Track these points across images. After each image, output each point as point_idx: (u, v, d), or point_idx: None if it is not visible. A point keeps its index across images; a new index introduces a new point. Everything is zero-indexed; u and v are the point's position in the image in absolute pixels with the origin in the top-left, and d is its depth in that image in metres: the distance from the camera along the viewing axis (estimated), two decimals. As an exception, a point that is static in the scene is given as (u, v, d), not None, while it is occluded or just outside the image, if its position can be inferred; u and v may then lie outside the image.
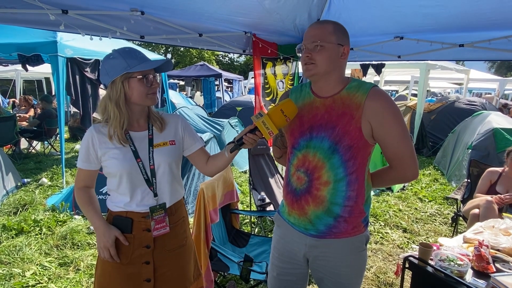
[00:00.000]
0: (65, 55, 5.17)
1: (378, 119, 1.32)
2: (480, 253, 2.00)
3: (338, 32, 1.38)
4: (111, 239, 1.46)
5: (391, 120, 1.33)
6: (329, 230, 1.43)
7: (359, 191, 1.40)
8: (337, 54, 1.38)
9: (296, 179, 1.46)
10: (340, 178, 1.37)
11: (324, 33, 1.36)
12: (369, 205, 1.48)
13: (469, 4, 2.37)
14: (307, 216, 1.44)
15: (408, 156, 1.37)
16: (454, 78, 13.61)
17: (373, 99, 1.33)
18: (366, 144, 1.36)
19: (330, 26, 1.38)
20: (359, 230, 1.44)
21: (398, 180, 1.49)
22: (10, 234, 3.54)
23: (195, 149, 1.66)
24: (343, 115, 1.35)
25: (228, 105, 10.18)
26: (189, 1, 2.48)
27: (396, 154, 1.38)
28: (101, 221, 1.50)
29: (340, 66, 1.41)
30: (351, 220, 1.42)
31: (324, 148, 1.37)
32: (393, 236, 3.88)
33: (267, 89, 3.69)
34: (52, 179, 5.51)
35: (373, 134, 1.35)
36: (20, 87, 13.42)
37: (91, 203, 1.54)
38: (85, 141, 1.48)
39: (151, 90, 1.46)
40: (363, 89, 1.36)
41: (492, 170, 3.53)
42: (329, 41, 1.35)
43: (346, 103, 1.36)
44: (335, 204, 1.39)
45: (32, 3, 2.01)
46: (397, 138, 1.35)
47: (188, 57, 28.39)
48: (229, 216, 2.99)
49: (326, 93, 1.42)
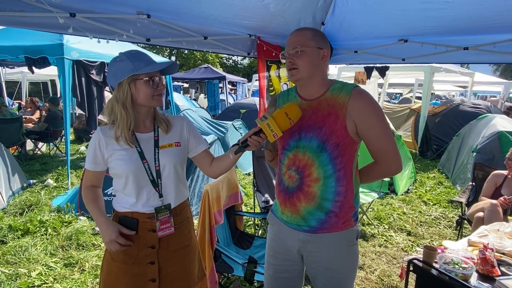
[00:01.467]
0: (71, 57, 5.22)
1: (361, 117, 1.41)
2: (485, 256, 2.00)
3: (317, 37, 1.46)
4: (115, 232, 1.48)
5: (373, 118, 1.42)
6: (321, 225, 1.48)
7: (348, 186, 1.48)
8: (317, 57, 1.46)
9: (288, 177, 1.52)
10: (329, 175, 1.45)
11: (304, 38, 1.44)
12: (358, 200, 1.56)
13: (473, 7, 2.38)
14: (299, 212, 1.50)
15: (391, 151, 1.46)
16: (458, 81, 13.56)
17: (356, 99, 1.41)
18: (352, 141, 1.44)
19: (308, 32, 1.46)
20: (349, 224, 1.51)
21: (383, 174, 1.58)
22: (16, 235, 3.57)
23: (199, 151, 1.67)
24: (329, 116, 1.44)
25: (232, 107, 10.20)
26: (194, 5, 2.50)
27: (379, 149, 1.46)
28: (103, 217, 1.52)
29: (322, 68, 1.49)
30: (341, 215, 1.48)
31: (313, 147, 1.45)
32: (397, 239, 3.87)
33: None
34: (57, 180, 5.56)
35: (357, 131, 1.43)
36: (26, 89, 13.55)
37: (96, 201, 1.56)
38: (92, 143, 1.51)
39: (157, 92, 1.48)
40: (346, 90, 1.44)
41: (497, 173, 3.52)
42: (309, 45, 1.44)
43: (331, 103, 1.45)
44: (326, 199, 1.46)
45: (41, 6, 2.05)
46: (380, 134, 1.43)
47: (192, 59, 28.50)
48: (233, 218, 3.00)
49: (311, 96, 1.51)
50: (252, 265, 2.12)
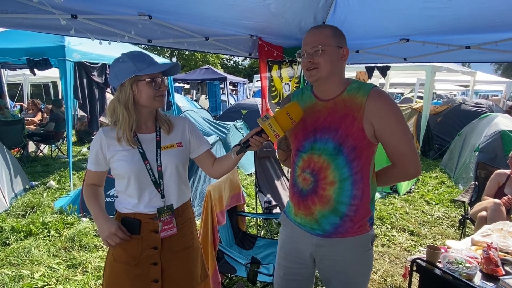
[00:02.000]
0: (73, 59, 5.24)
1: (379, 119, 1.35)
2: (488, 255, 1.99)
3: (337, 35, 1.41)
4: (114, 225, 1.47)
5: (392, 120, 1.36)
6: (335, 230, 1.44)
7: (364, 190, 1.43)
8: (337, 57, 1.41)
9: (302, 180, 1.48)
10: (345, 178, 1.40)
11: (324, 37, 1.39)
12: (374, 204, 1.50)
13: (475, 6, 2.37)
14: (314, 216, 1.46)
15: (409, 154, 1.40)
16: (460, 80, 13.52)
17: (374, 100, 1.36)
18: (369, 143, 1.39)
19: (328, 30, 1.41)
20: (365, 229, 1.47)
21: (402, 177, 1.53)
22: (19, 236, 3.58)
23: (201, 152, 1.67)
24: (345, 117, 1.38)
25: (233, 108, 10.20)
26: (196, 6, 2.51)
27: (398, 152, 1.41)
28: (102, 213, 1.51)
29: (341, 68, 1.45)
30: (356, 219, 1.44)
31: (329, 149, 1.40)
32: (400, 239, 3.86)
33: (273, 92, 3.70)
34: (59, 182, 5.57)
35: (375, 133, 1.38)
36: (28, 91, 13.58)
37: (96, 198, 1.57)
38: (94, 144, 1.51)
39: (159, 93, 1.48)
40: (364, 90, 1.39)
41: (500, 172, 3.51)
42: (329, 44, 1.39)
43: (348, 104, 1.39)
44: (341, 203, 1.42)
45: (42, 8, 2.05)
46: (398, 136, 1.38)
47: (193, 60, 28.54)
48: (236, 218, 2.99)
49: (327, 96, 1.46)
50: (255, 265, 2.11)
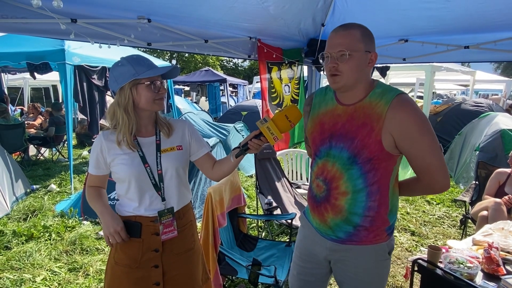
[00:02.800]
0: (73, 62, 5.24)
1: (400, 131, 1.24)
2: (490, 255, 1.99)
3: (366, 38, 1.28)
4: (121, 223, 1.48)
5: (416, 132, 1.23)
6: (349, 238, 1.41)
7: (381, 201, 1.36)
8: (365, 62, 1.29)
9: (316, 186, 1.46)
10: (360, 189, 1.34)
11: (352, 40, 1.26)
12: (394, 214, 1.42)
13: (474, 6, 2.38)
14: (327, 223, 1.43)
15: (436, 169, 1.27)
16: (460, 80, 13.51)
17: (395, 110, 1.24)
18: (389, 155, 1.30)
19: (357, 32, 1.27)
20: (381, 238, 1.40)
21: (425, 191, 1.45)
22: (20, 240, 3.58)
23: (201, 154, 1.68)
24: (363, 126, 1.29)
25: (233, 109, 10.22)
26: (195, 8, 2.52)
27: (423, 166, 1.29)
28: (108, 209, 1.52)
29: (367, 73, 1.33)
30: (372, 229, 1.38)
31: (343, 158, 1.33)
32: (401, 239, 3.85)
33: (273, 93, 3.71)
34: (60, 185, 5.57)
35: (396, 145, 1.27)
36: (28, 95, 13.60)
37: (100, 197, 1.57)
38: (95, 148, 1.52)
39: (159, 96, 1.49)
40: (387, 97, 1.27)
41: (500, 171, 3.50)
42: (357, 49, 1.26)
43: (368, 112, 1.29)
44: (354, 214, 1.37)
45: (42, 13, 2.06)
46: (423, 150, 1.26)
47: (192, 63, 28.59)
48: (237, 220, 2.99)
49: (349, 101, 1.36)
50: (256, 267, 2.11)
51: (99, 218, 1.51)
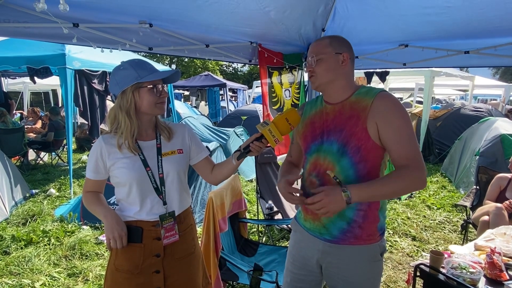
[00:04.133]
0: (73, 67, 5.26)
1: (383, 118, 1.33)
2: (492, 260, 1.98)
3: (334, 43, 1.45)
4: (125, 228, 1.47)
5: (396, 119, 1.33)
6: (344, 235, 1.43)
7: None
8: (336, 63, 1.43)
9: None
10: (351, 181, 1.39)
11: (320, 46, 1.45)
12: (384, 212, 1.47)
13: (473, 11, 2.39)
14: (321, 220, 1.46)
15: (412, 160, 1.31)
16: (459, 85, 13.57)
17: (380, 100, 1.36)
18: (375, 146, 1.36)
19: (326, 39, 1.46)
20: (374, 238, 1.44)
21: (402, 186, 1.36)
22: (19, 245, 3.56)
23: (201, 158, 1.69)
24: (350, 118, 1.40)
25: (233, 114, 10.22)
26: (196, 13, 2.53)
27: (399, 157, 1.33)
28: (112, 211, 1.50)
29: (344, 72, 1.45)
30: (365, 226, 1.42)
31: (333, 151, 1.41)
32: (402, 244, 3.84)
33: (274, 98, 3.71)
34: (59, 189, 5.55)
35: (379, 134, 1.35)
36: (28, 99, 13.61)
37: (100, 201, 1.55)
38: (94, 152, 1.51)
39: (160, 100, 1.50)
40: (371, 93, 1.40)
41: (501, 176, 3.50)
42: (325, 52, 1.43)
43: (354, 106, 1.41)
44: (348, 207, 1.37)
45: (45, 17, 2.06)
46: (402, 137, 1.33)
47: (192, 67, 28.66)
48: (238, 225, 2.98)
49: (335, 100, 1.48)
50: (258, 272, 2.10)
51: (102, 221, 1.50)
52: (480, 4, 2.28)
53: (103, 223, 1.49)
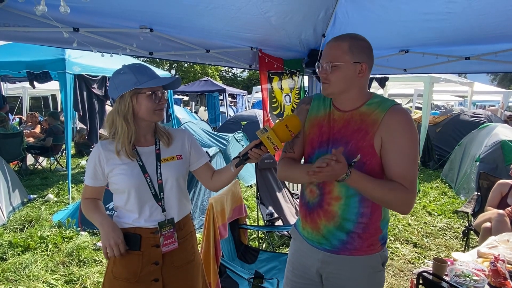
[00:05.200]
0: (73, 72, 5.25)
1: (389, 136, 1.27)
2: (496, 268, 1.95)
3: (354, 49, 1.31)
4: (122, 236, 1.44)
5: (403, 140, 1.26)
6: (343, 246, 1.39)
7: (374, 208, 1.36)
8: (353, 73, 1.32)
9: (309, 192, 1.46)
10: (352, 194, 1.35)
11: (339, 52, 1.31)
12: (386, 223, 1.43)
13: (474, 17, 2.39)
14: (320, 230, 1.42)
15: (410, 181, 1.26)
16: (457, 91, 13.62)
17: (392, 115, 1.29)
18: (380, 163, 1.32)
19: (345, 44, 1.32)
20: (375, 248, 1.40)
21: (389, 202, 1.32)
22: (17, 251, 3.52)
23: (201, 164, 1.66)
24: (358, 131, 1.33)
25: (232, 119, 10.21)
26: (197, 19, 2.52)
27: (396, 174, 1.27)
28: (108, 219, 1.47)
29: (359, 83, 1.36)
30: (366, 237, 1.38)
31: None
32: (403, 251, 3.81)
33: (274, 103, 3.71)
34: (58, 195, 5.51)
35: (381, 149, 1.29)
36: (27, 104, 13.60)
37: (98, 208, 1.53)
38: (92, 158, 1.48)
39: (159, 107, 1.47)
40: (383, 106, 1.32)
41: (502, 183, 3.49)
42: (344, 60, 1.31)
43: (364, 119, 1.34)
44: (347, 220, 1.37)
45: (45, 21, 2.05)
46: (404, 160, 1.26)
47: (192, 73, 28.70)
48: (238, 232, 2.95)
49: (345, 107, 1.40)
50: (258, 280, 2.07)
51: (99, 229, 1.47)
52: (480, 11, 2.28)
53: (100, 231, 1.47)
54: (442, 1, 2.20)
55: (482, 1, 2.13)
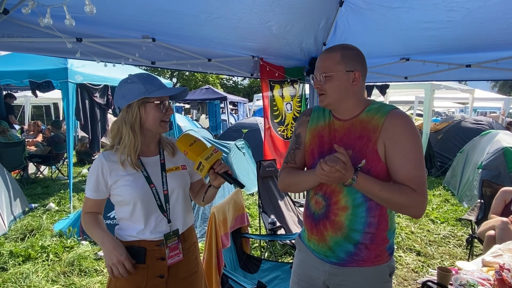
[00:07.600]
0: (75, 81, 5.28)
1: (392, 139, 1.27)
2: (501, 277, 1.93)
3: (346, 59, 1.33)
4: (124, 252, 1.38)
5: (406, 142, 1.26)
6: (350, 258, 1.37)
7: (381, 218, 1.35)
8: (347, 82, 1.34)
9: (315, 203, 1.44)
10: (359, 203, 1.33)
11: (331, 62, 1.34)
12: (393, 232, 1.41)
13: (474, 25, 2.41)
14: (326, 242, 1.40)
15: (420, 184, 1.25)
16: (458, 98, 13.63)
17: (392, 119, 1.29)
18: (385, 168, 1.31)
19: (337, 54, 1.34)
20: (382, 259, 1.38)
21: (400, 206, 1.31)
22: (17, 261, 3.49)
23: (197, 178, 1.67)
24: (360, 138, 1.33)
25: (234, 127, 10.21)
26: (199, 28, 2.55)
27: (406, 178, 1.26)
28: (109, 236, 1.43)
29: (355, 91, 1.37)
30: (373, 247, 1.36)
31: None
32: (406, 259, 3.77)
33: (276, 111, 3.72)
34: (59, 204, 5.49)
35: (385, 155, 1.29)
36: (29, 113, 13.66)
37: (98, 224, 1.48)
38: (95, 170, 1.45)
39: (166, 117, 1.47)
40: (382, 111, 1.33)
41: (506, 190, 3.47)
42: (336, 70, 1.33)
43: (364, 126, 1.34)
44: (354, 230, 1.35)
45: (48, 32, 2.07)
46: (412, 162, 1.26)
47: (193, 81, 28.85)
48: (240, 241, 2.93)
49: (345, 116, 1.41)
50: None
51: (100, 246, 1.43)
52: (481, 19, 2.29)
53: (101, 249, 1.43)
54: (443, 9, 2.22)
55: (482, 10, 2.15)
